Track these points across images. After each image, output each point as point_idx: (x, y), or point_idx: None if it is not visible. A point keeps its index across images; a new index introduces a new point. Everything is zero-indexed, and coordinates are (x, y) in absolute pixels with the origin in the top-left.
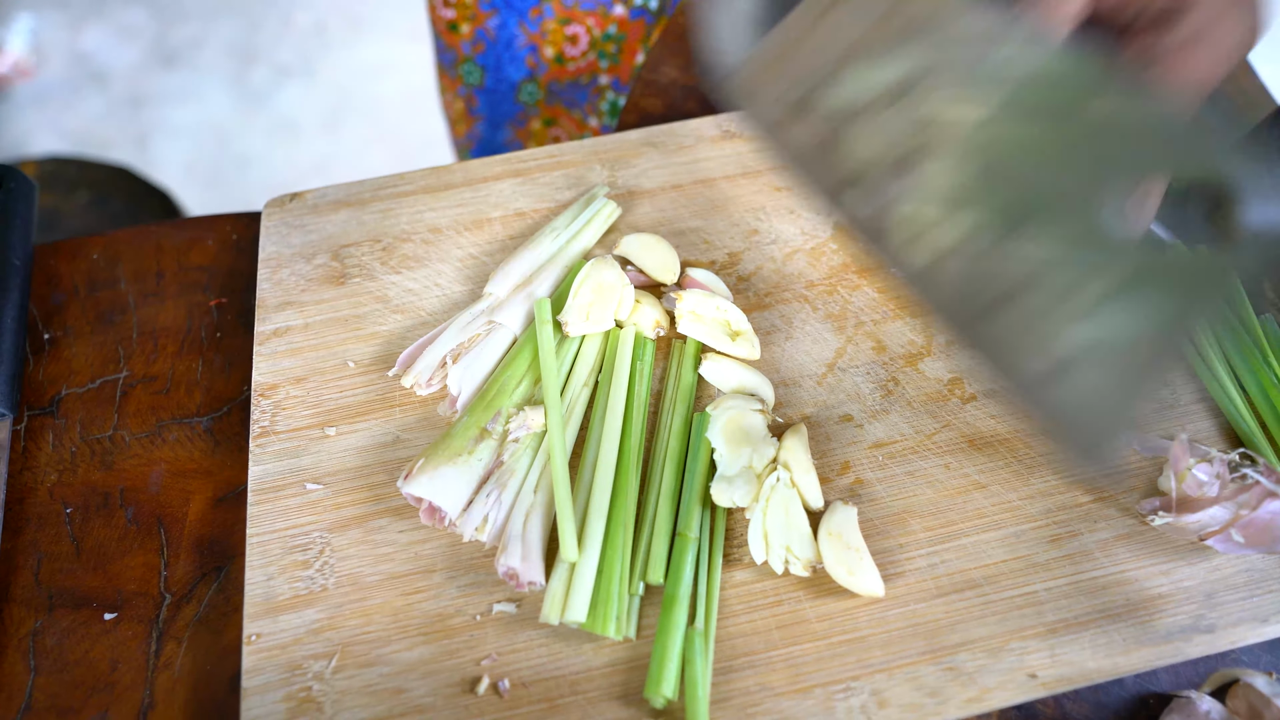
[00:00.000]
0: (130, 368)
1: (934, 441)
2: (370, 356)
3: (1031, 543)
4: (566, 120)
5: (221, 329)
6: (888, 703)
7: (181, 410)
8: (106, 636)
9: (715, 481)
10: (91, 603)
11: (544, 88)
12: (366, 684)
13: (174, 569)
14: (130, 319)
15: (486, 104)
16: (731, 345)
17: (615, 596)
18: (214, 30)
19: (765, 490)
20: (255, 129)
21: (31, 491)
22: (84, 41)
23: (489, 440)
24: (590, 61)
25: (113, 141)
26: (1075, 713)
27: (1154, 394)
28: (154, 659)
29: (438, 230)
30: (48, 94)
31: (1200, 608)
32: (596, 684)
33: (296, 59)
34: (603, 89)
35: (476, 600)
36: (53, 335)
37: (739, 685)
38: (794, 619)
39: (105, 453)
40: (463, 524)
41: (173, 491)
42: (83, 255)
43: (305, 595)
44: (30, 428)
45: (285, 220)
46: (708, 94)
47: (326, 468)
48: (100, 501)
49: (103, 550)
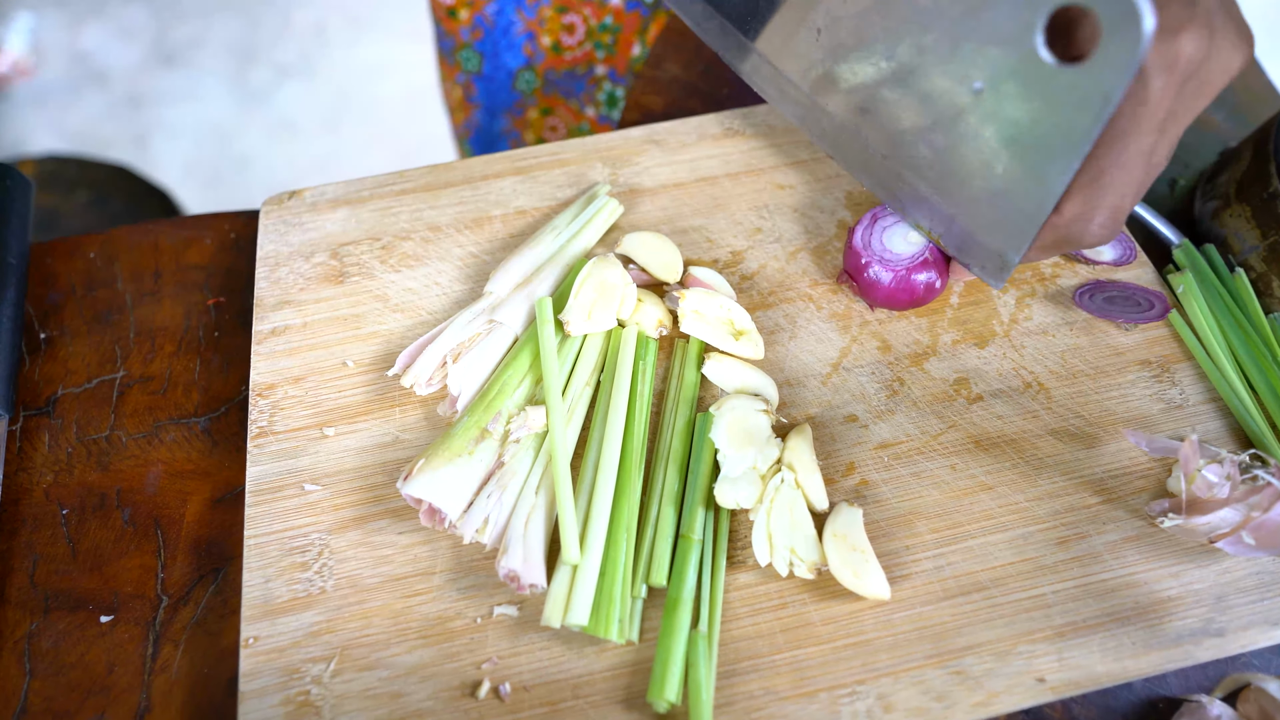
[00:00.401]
0: (127, 368)
1: (940, 442)
2: (369, 356)
3: (1039, 545)
4: (563, 110)
5: (219, 328)
6: (894, 707)
7: (179, 410)
8: (103, 639)
9: (719, 483)
10: (88, 605)
11: (541, 76)
12: (365, 688)
13: (171, 571)
14: (127, 318)
15: (484, 91)
16: (735, 345)
17: (618, 599)
18: (214, 30)
19: (769, 492)
20: (255, 129)
21: (27, 492)
22: (83, 41)
23: (489, 441)
24: (586, 51)
25: (112, 141)
26: (1083, 716)
27: (1044, 212)
28: (151, 662)
29: (437, 229)
30: (47, 93)
31: (1210, 611)
32: (598, 688)
33: (296, 59)
34: (599, 79)
35: (477, 603)
36: (49, 335)
37: (743, 689)
38: (798, 622)
39: (102, 453)
40: (463, 525)
41: (170, 492)
42: (79, 254)
43: (304, 598)
44: (26, 428)
45: (284, 218)
46: (709, 91)
47: (325, 468)
48: (97, 502)
49: (99, 552)
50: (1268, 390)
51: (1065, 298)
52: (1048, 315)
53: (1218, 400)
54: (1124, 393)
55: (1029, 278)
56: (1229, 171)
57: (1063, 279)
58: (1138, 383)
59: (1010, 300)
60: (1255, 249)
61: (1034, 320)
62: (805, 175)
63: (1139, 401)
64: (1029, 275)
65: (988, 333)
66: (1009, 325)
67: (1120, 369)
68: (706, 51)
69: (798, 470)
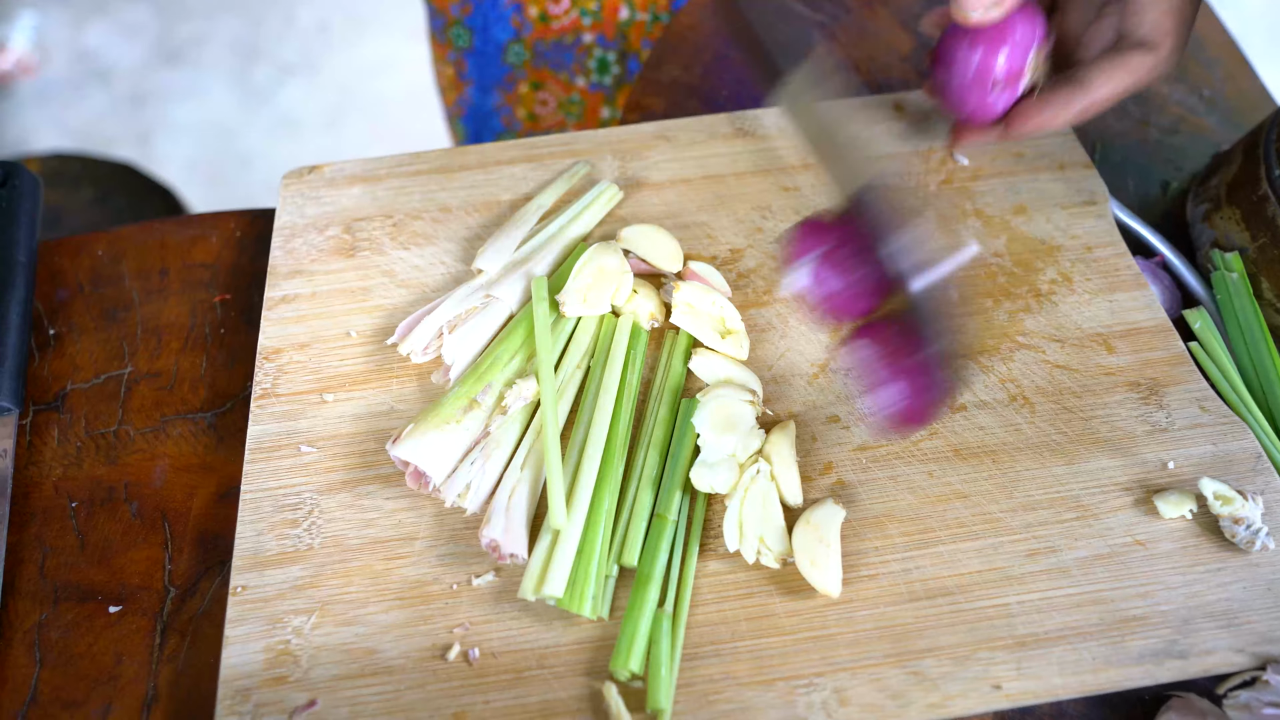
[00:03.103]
0: (134, 364)
1: (919, 449)
2: (372, 328)
3: (1008, 555)
4: (554, 84)
5: (225, 325)
6: (849, 701)
7: (185, 406)
8: (111, 630)
9: (696, 465)
10: (96, 596)
11: (530, 48)
12: (342, 642)
13: (178, 563)
14: (134, 315)
15: (475, 67)
16: (721, 342)
17: (592, 577)
18: (217, 28)
19: (745, 480)
20: (258, 127)
21: (37, 486)
22: (87, 39)
23: (478, 411)
24: (574, 20)
25: (116, 139)
26: (1072, 710)
27: None
28: (158, 652)
29: (448, 209)
30: (51, 91)
31: (1175, 633)
32: (564, 659)
33: (299, 57)
34: (588, 46)
35: (455, 570)
36: (57, 331)
37: (703, 672)
38: (763, 612)
39: (110, 448)
40: (446, 489)
41: (176, 486)
42: (87, 252)
43: (291, 553)
44: (35, 423)
45: (302, 191)
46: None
47: (321, 432)
48: (105, 496)
49: (107, 544)
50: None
51: (1059, 313)
52: (1039, 330)
53: (1205, 426)
54: (1109, 413)
55: (1024, 292)
56: (1220, 174)
57: (1058, 295)
58: (1124, 403)
59: (1003, 313)
60: (1245, 250)
61: (1025, 334)
62: (811, 179)
63: (1124, 422)
64: (1024, 290)
65: (977, 344)
66: (999, 338)
67: (1108, 389)
68: (706, 54)
69: (774, 463)
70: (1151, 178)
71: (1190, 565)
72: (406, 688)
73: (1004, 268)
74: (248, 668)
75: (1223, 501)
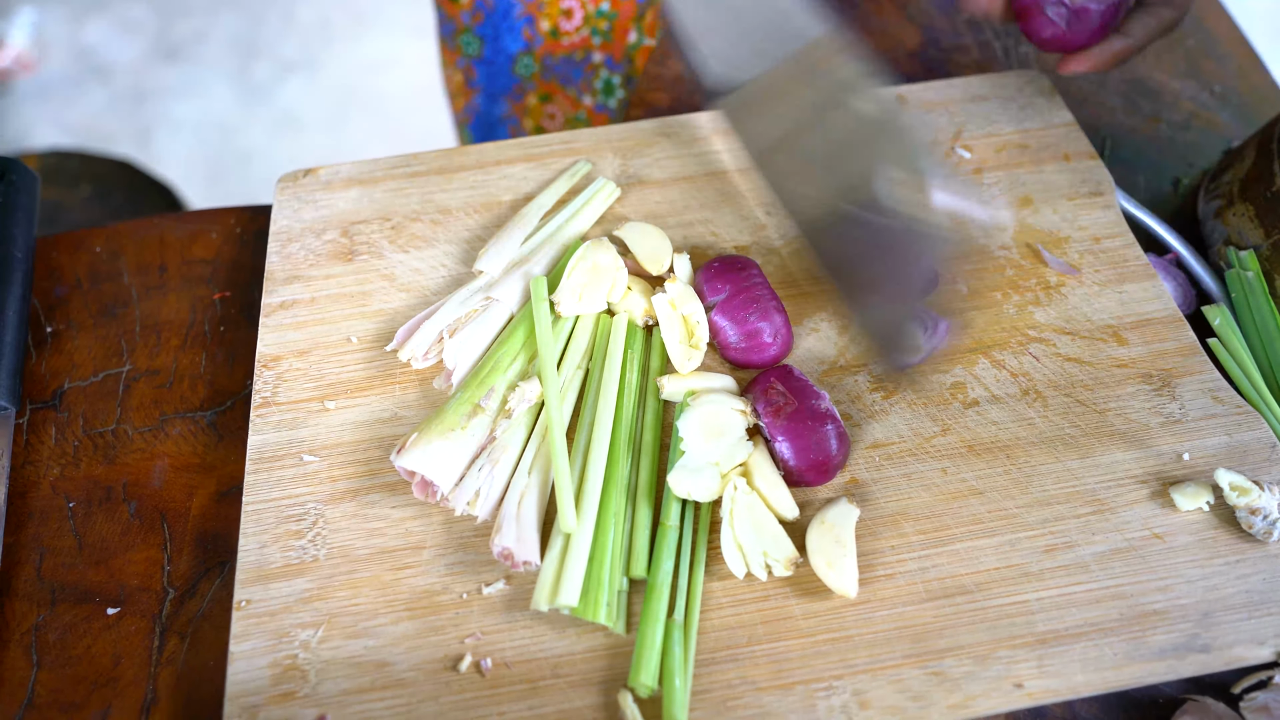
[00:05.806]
0: (133, 361)
1: (933, 445)
2: (373, 333)
3: (1026, 552)
4: (562, 98)
5: (225, 323)
6: (870, 704)
7: (184, 404)
8: (109, 632)
9: (676, 470)
10: (94, 598)
11: (539, 62)
12: (351, 655)
13: (177, 564)
14: (133, 312)
15: (484, 76)
16: (679, 350)
17: (606, 583)
18: (216, 24)
19: (726, 500)
20: (258, 124)
21: (34, 486)
22: (86, 35)
23: (482, 416)
24: (584, 37)
25: (115, 136)
26: (1084, 713)
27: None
28: (157, 654)
29: (447, 211)
30: (50, 88)
31: (1196, 627)
32: (578, 668)
33: (299, 54)
34: (596, 67)
35: (464, 579)
36: (55, 328)
37: (721, 678)
38: (779, 615)
39: (108, 447)
40: (455, 498)
41: (175, 486)
42: (85, 248)
43: (296, 565)
44: (33, 421)
45: (298, 195)
46: None
47: (324, 441)
48: (103, 496)
49: (105, 545)
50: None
51: (1069, 305)
52: (1049, 323)
53: (1219, 416)
54: (1122, 405)
55: (1033, 285)
56: (1232, 171)
57: (1067, 288)
58: (1137, 395)
59: (1012, 306)
60: (1259, 247)
61: (1035, 327)
62: None
63: (1137, 414)
64: (1033, 283)
65: (989, 338)
66: (1010, 332)
67: (1120, 381)
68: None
69: (753, 475)
70: (1163, 174)
71: (1209, 558)
72: (419, 701)
73: (1012, 260)
74: (254, 684)
75: (1239, 492)
